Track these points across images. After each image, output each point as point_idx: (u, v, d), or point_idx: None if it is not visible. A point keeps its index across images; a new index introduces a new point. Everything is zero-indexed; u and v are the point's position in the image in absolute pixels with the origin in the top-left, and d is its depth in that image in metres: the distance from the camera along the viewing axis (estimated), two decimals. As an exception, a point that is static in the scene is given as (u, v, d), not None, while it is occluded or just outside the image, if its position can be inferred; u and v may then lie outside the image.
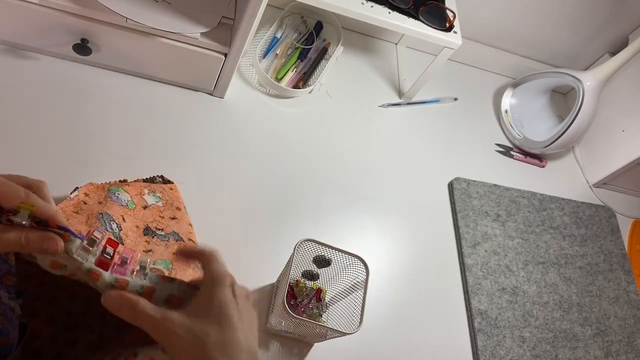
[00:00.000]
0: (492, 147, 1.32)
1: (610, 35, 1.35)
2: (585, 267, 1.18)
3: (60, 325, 0.59)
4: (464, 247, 1.09)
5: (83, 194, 0.81)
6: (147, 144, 0.95)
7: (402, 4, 1.06)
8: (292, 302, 0.87)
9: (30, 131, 0.88)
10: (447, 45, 1.09)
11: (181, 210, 0.88)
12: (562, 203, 1.26)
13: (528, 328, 1.04)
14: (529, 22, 1.32)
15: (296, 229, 0.98)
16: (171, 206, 0.88)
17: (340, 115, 1.17)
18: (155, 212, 0.85)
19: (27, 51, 0.95)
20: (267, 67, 1.14)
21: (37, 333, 0.50)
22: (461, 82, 1.39)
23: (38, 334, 0.50)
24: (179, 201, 0.89)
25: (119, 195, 0.82)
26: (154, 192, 0.87)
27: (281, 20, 1.18)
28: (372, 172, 1.12)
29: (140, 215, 0.83)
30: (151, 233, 0.82)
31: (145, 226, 0.82)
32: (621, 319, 1.13)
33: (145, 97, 1.00)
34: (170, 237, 0.83)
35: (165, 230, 0.84)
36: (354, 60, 1.28)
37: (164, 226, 0.84)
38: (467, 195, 1.16)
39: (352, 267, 0.85)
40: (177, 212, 0.88)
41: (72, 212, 0.77)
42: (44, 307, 0.56)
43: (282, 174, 1.03)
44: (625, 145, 1.27)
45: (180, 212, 0.88)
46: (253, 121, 1.07)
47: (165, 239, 0.83)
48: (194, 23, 0.92)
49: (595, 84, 1.22)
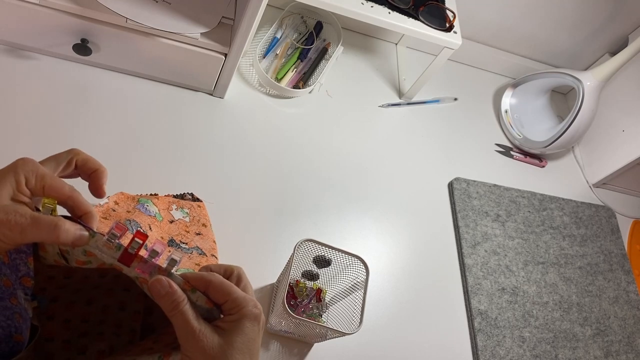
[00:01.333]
0: (492, 147, 1.32)
1: (610, 35, 1.35)
2: (585, 267, 1.18)
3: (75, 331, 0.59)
4: (464, 247, 1.09)
5: (113, 202, 0.82)
6: (146, 144, 0.95)
7: (402, 4, 1.06)
8: (292, 302, 0.87)
9: (30, 131, 0.88)
10: (447, 45, 1.09)
11: (207, 227, 0.89)
12: (562, 203, 1.26)
13: (528, 328, 1.04)
14: (529, 22, 1.32)
15: (296, 229, 0.98)
16: (197, 222, 0.89)
17: (340, 116, 1.17)
18: (182, 226, 0.86)
19: (27, 51, 0.95)
20: (267, 67, 1.14)
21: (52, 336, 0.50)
22: (461, 82, 1.39)
23: (52, 336, 0.50)
24: (206, 218, 0.90)
25: (148, 207, 0.83)
26: (182, 207, 0.88)
27: (281, 20, 1.18)
28: (372, 172, 1.12)
29: (166, 228, 0.84)
30: (175, 245, 0.83)
31: (170, 238, 0.84)
32: (621, 319, 1.13)
33: (145, 97, 1.00)
34: (193, 251, 0.85)
35: (190, 244, 0.85)
36: (354, 60, 1.28)
37: (188, 240, 0.85)
38: (467, 195, 1.16)
39: (352, 267, 0.85)
40: (203, 229, 0.89)
41: (101, 217, 0.78)
42: (60, 311, 0.57)
43: (282, 174, 1.03)
44: (625, 145, 1.27)
45: (205, 228, 0.89)
46: (253, 121, 1.07)
47: (188, 251, 0.84)
48: (194, 23, 0.92)
49: (595, 84, 1.22)
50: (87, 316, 0.60)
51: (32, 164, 0.43)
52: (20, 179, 0.42)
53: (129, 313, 0.62)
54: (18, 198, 0.42)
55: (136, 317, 0.63)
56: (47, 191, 0.43)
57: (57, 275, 0.56)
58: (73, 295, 0.58)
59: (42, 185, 0.43)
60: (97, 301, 0.61)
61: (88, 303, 0.60)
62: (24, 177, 0.42)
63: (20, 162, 0.42)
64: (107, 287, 0.61)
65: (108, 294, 0.62)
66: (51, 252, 0.46)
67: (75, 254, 0.44)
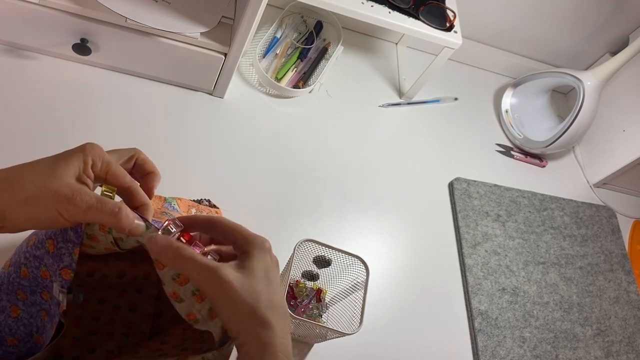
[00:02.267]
0: (492, 147, 1.31)
1: (611, 35, 1.35)
2: (586, 267, 1.18)
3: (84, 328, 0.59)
4: (465, 247, 1.09)
5: None
6: (146, 143, 0.95)
7: (402, 4, 1.06)
8: (292, 303, 0.87)
9: (30, 131, 0.88)
10: (447, 45, 1.09)
11: None
12: (563, 203, 1.26)
13: (528, 328, 1.04)
14: (530, 22, 1.32)
15: (296, 229, 0.98)
16: None
17: (340, 115, 1.17)
18: None
19: (27, 51, 0.95)
20: (267, 67, 1.14)
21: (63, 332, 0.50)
22: (461, 82, 1.39)
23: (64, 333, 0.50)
24: None
25: (174, 205, 0.84)
26: (201, 211, 0.88)
27: (281, 20, 1.18)
28: (372, 172, 1.12)
29: None
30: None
31: None
32: (622, 319, 1.13)
33: (145, 97, 1.00)
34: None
35: None
36: (354, 60, 1.28)
37: None
38: (467, 196, 1.16)
39: (352, 268, 0.85)
40: None
41: None
42: (72, 308, 0.57)
43: (282, 174, 1.03)
44: (625, 145, 1.27)
45: None
46: (253, 121, 1.07)
47: None
48: (193, 23, 0.92)
49: (596, 83, 1.21)
50: (98, 314, 0.60)
51: (100, 150, 0.44)
52: (88, 161, 0.43)
53: (139, 315, 0.63)
54: (82, 179, 0.42)
55: (146, 319, 0.63)
56: (110, 177, 0.44)
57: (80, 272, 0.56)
58: (88, 293, 0.59)
59: (107, 170, 0.44)
60: (109, 301, 0.61)
61: (100, 302, 0.61)
62: (92, 160, 0.43)
63: (89, 145, 0.44)
64: (121, 288, 0.61)
65: (120, 295, 0.62)
66: (103, 241, 0.46)
67: (131, 242, 0.45)
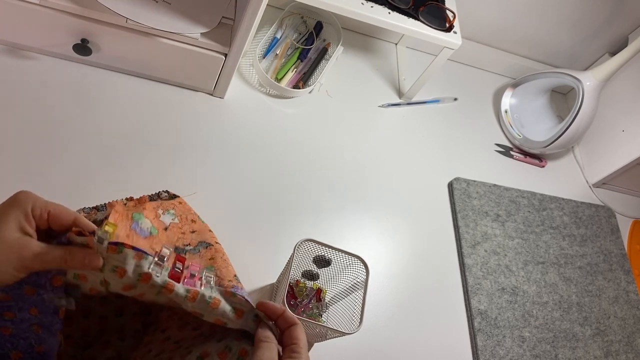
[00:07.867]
0: (491, 147, 1.32)
1: (610, 35, 1.35)
2: (585, 267, 1.18)
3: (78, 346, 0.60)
4: (464, 247, 1.09)
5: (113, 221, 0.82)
6: (146, 144, 0.95)
7: (402, 4, 1.06)
8: (292, 302, 0.87)
9: (30, 131, 0.88)
10: (447, 45, 1.09)
11: (196, 222, 0.89)
12: (562, 203, 1.26)
13: (528, 328, 1.04)
14: (529, 22, 1.32)
15: (296, 229, 0.98)
16: (187, 220, 0.88)
17: (340, 116, 1.17)
18: (176, 230, 0.86)
19: (27, 51, 0.95)
20: (267, 67, 1.14)
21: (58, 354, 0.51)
22: (461, 82, 1.39)
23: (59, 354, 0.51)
24: (191, 212, 0.90)
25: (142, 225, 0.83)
26: (167, 209, 0.88)
27: (281, 20, 1.18)
28: (372, 172, 1.12)
29: (164, 238, 0.84)
30: (181, 251, 0.83)
31: (174, 247, 0.83)
32: (621, 318, 1.14)
33: (145, 97, 1.00)
34: (199, 248, 0.84)
35: (192, 243, 0.85)
36: (354, 60, 1.28)
37: (189, 240, 0.85)
38: (467, 195, 1.16)
39: (352, 267, 0.85)
40: (194, 225, 0.88)
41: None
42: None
43: (282, 174, 1.03)
44: (625, 145, 1.27)
45: (196, 224, 0.88)
46: (253, 121, 1.07)
47: (195, 251, 0.84)
48: (194, 23, 0.92)
49: (595, 84, 1.22)
50: (87, 329, 0.60)
51: (34, 196, 0.44)
52: (27, 210, 0.43)
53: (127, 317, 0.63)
54: (26, 230, 0.43)
55: (136, 319, 0.63)
56: (52, 220, 0.44)
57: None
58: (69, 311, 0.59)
59: (47, 214, 0.44)
60: (93, 313, 0.61)
61: (85, 316, 0.61)
62: (31, 208, 0.43)
63: (22, 194, 0.44)
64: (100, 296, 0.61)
65: (103, 304, 0.62)
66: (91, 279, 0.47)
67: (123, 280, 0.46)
